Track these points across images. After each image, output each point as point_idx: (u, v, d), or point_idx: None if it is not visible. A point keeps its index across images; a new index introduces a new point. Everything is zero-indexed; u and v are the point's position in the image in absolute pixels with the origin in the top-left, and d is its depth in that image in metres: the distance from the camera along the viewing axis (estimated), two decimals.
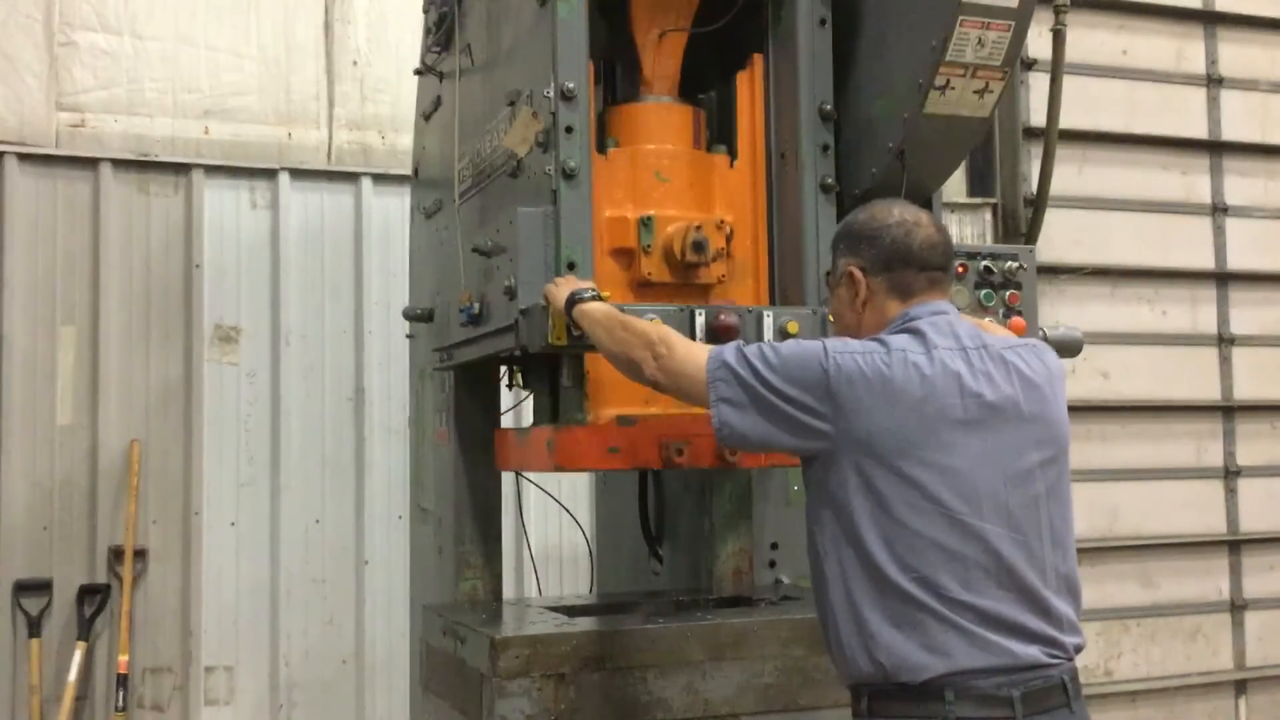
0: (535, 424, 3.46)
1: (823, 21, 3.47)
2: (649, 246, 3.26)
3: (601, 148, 3.35)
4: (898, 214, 2.61)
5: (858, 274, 2.61)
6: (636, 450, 3.09)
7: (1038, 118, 5.97)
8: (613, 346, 2.77)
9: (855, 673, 2.45)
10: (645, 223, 3.26)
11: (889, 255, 2.58)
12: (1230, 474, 6.55)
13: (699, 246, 3.22)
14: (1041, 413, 2.51)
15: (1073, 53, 5.65)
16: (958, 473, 2.39)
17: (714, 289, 3.37)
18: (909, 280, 2.58)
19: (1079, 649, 2.49)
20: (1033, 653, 2.39)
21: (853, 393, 2.40)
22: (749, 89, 3.55)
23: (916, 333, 2.50)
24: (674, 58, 3.50)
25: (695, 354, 2.60)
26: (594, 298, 2.90)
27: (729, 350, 2.54)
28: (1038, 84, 6.05)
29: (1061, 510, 2.52)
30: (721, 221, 3.32)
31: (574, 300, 2.90)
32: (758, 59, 3.55)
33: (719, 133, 3.62)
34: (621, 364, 2.77)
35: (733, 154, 3.53)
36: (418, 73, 4.25)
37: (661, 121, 3.44)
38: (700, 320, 3.10)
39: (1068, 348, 3.52)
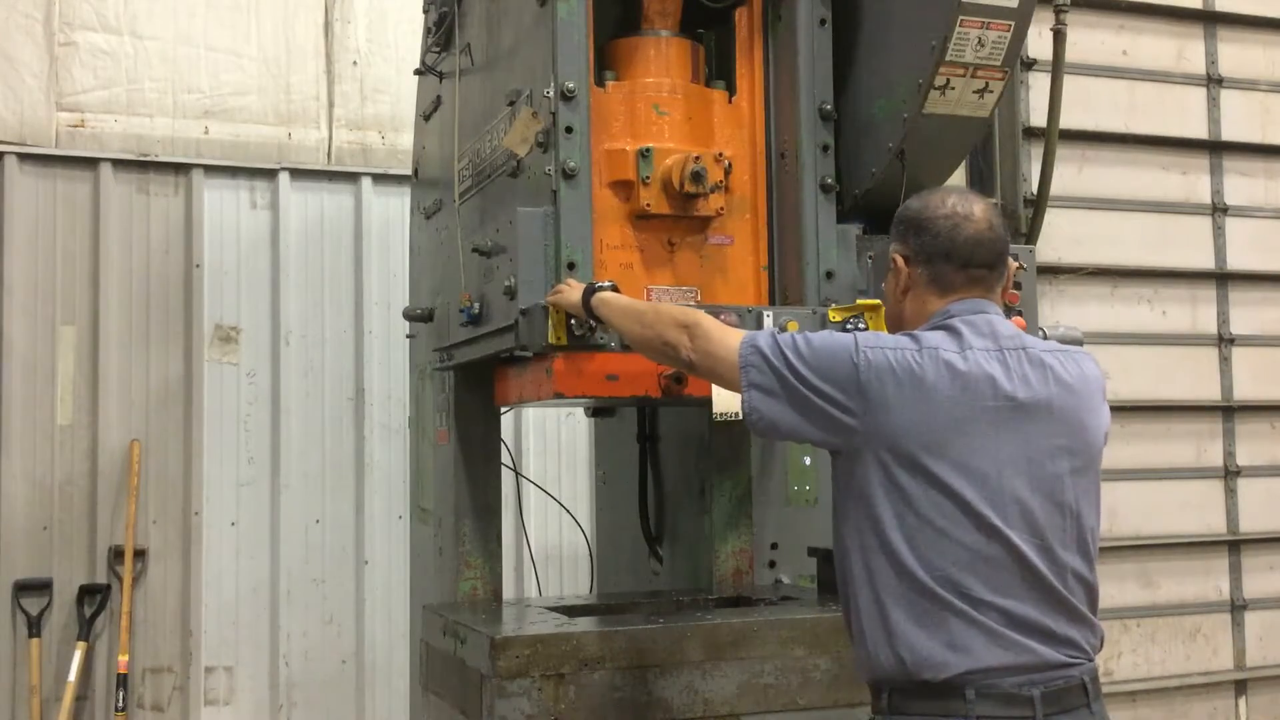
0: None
1: (823, 21, 3.47)
2: (648, 178, 3.26)
3: (600, 81, 3.34)
4: (950, 205, 2.54)
5: (900, 261, 2.58)
6: (636, 379, 3.08)
7: (1038, 118, 5.96)
8: (643, 331, 2.74)
9: (877, 667, 2.43)
10: (644, 154, 3.26)
11: (931, 248, 2.53)
12: (1230, 474, 6.54)
13: (697, 177, 3.21)
14: (1075, 419, 2.47)
15: (1073, 53, 5.65)
16: (984, 474, 2.37)
17: (712, 222, 3.38)
18: (948, 275, 2.53)
19: (1098, 649, 2.47)
20: (1054, 653, 2.37)
21: (882, 388, 2.38)
22: (748, 24, 3.55)
23: (953, 331, 2.46)
24: None
25: (729, 337, 2.57)
26: (612, 287, 2.89)
27: (763, 336, 2.51)
28: (1038, 84, 6.04)
29: (1088, 518, 2.48)
30: (720, 154, 3.31)
31: (592, 290, 2.88)
32: None
33: (718, 69, 3.62)
34: (654, 347, 2.73)
35: (731, 90, 3.53)
36: (418, 73, 4.25)
37: (661, 55, 3.44)
38: None
39: None
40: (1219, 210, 6.60)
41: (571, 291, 2.96)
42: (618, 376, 3.06)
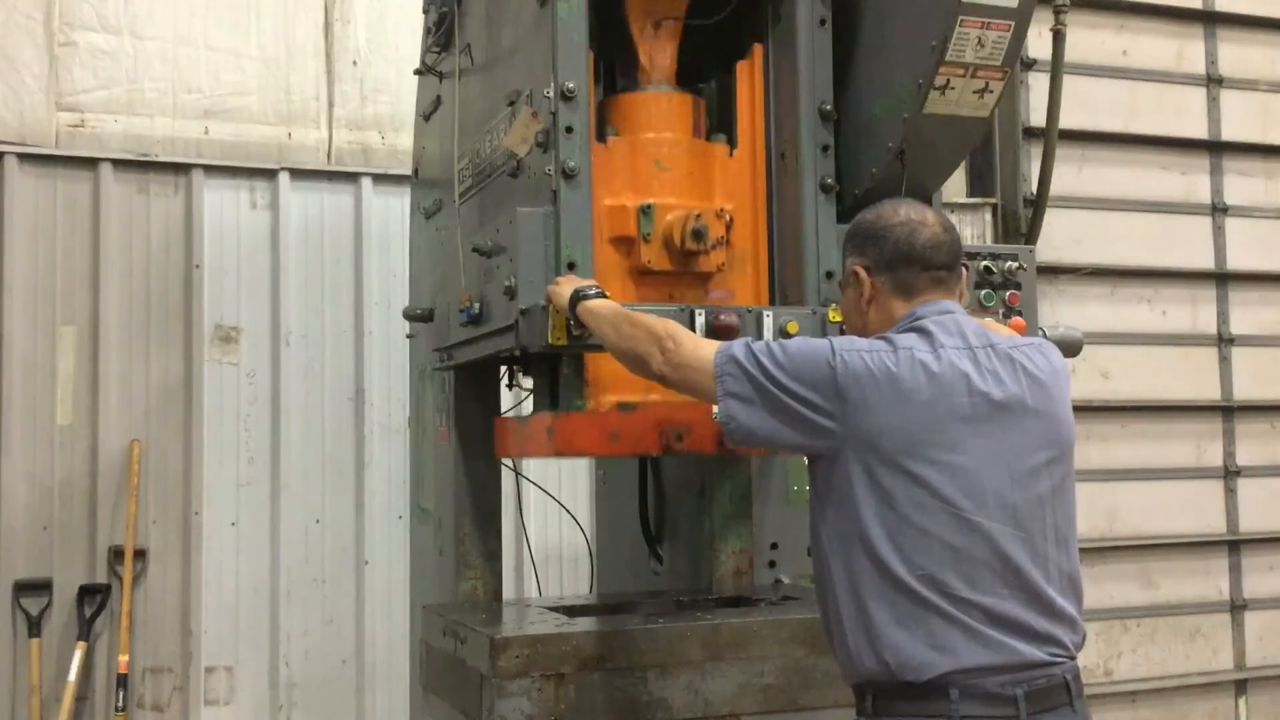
0: (535, 412, 3.45)
1: (823, 21, 3.47)
2: (649, 234, 3.26)
3: (601, 137, 3.34)
4: (903, 213, 2.62)
5: (862, 273, 2.63)
6: (636, 436, 3.09)
7: (1038, 118, 5.97)
8: (619, 342, 2.78)
9: (860, 671, 2.46)
10: (645, 211, 3.26)
11: (892, 254, 2.59)
12: (1230, 474, 6.54)
13: (699, 234, 3.22)
14: (1047, 411, 2.51)
15: (1073, 53, 5.67)
16: (964, 471, 2.40)
17: (713, 277, 3.38)
18: (912, 279, 2.58)
19: (1080, 647, 2.50)
20: (1037, 651, 2.40)
21: (860, 391, 2.41)
22: (749, 78, 3.55)
23: (923, 331, 2.50)
24: (670, 46, 3.50)
25: (702, 349, 2.61)
26: (598, 295, 2.91)
27: (737, 345, 2.54)
28: (1038, 84, 6.05)
29: (1065, 509, 2.53)
30: (721, 210, 3.32)
31: (578, 297, 2.90)
32: (758, 49, 3.55)
33: (718, 122, 3.61)
34: (629, 359, 2.78)
35: (732, 143, 3.53)
36: (418, 73, 4.25)
37: (661, 110, 3.44)
38: (700, 320, 3.10)
39: (1068, 348, 3.52)
40: (1219, 210, 6.61)
41: (563, 290, 2.97)
42: (618, 435, 3.08)
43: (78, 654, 4.99)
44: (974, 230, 6.26)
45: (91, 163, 5.28)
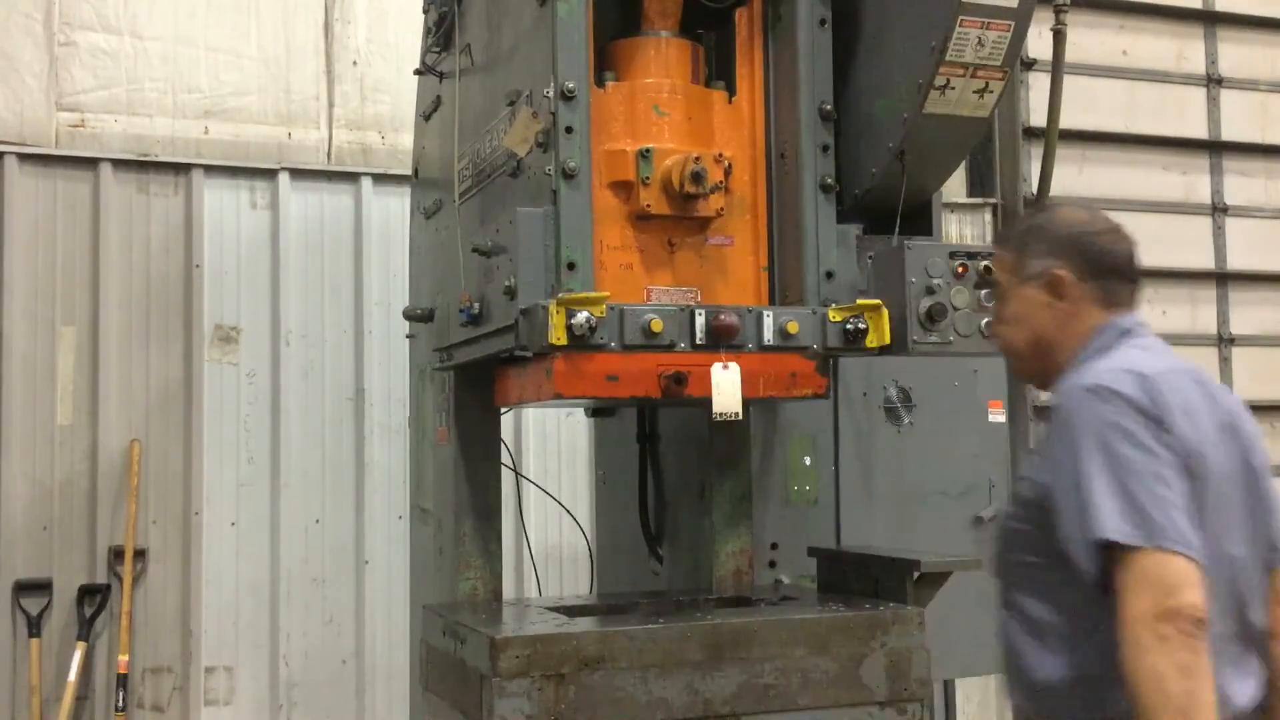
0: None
1: (823, 21, 3.47)
2: (648, 178, 3.26)
3: (600, 81, 3.34)
4: (1103, 221, 2.51)
5: (1067, 277, 2.46)
6: (635, 379, 3.07)
7: (1038, 118, 5.97)
8: None
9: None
10: (644, 154, 3.27)
11: (1099, 262, 2.46)
12: None
13: (698, 177, 3.21)
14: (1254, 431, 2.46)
15: (1073, 53, 5.67)
16: (1232, 510, 2.32)
17: (712, 223, 3.39)
18: (1118, 289, 2.48)
19: None
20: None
21: (1184, 444, 2.25)
22: (748, 24, 3.55)
23: (1152, 350, 2.42)
24: None
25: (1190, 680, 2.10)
26: None
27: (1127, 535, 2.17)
28: (1038, 84, 6.05)
29: (1261, 571, 2.41)
30: (720, 155, 3.32)
31: None
32: None
33: (718, 69, 3.62)
34: None
35: (731, 90, 3.53)
36: (418, 73, 4.25)
37: (661, 56, 3.44)
38: (700, 320, 3.11)
39: None
40: (1219, 210, 6.61)
41: None
42: (618, 377, 3.06)
43: (78, 654, 4.99)
44: (974, 230, 6.26)
45: (91, 163, 5.28)
